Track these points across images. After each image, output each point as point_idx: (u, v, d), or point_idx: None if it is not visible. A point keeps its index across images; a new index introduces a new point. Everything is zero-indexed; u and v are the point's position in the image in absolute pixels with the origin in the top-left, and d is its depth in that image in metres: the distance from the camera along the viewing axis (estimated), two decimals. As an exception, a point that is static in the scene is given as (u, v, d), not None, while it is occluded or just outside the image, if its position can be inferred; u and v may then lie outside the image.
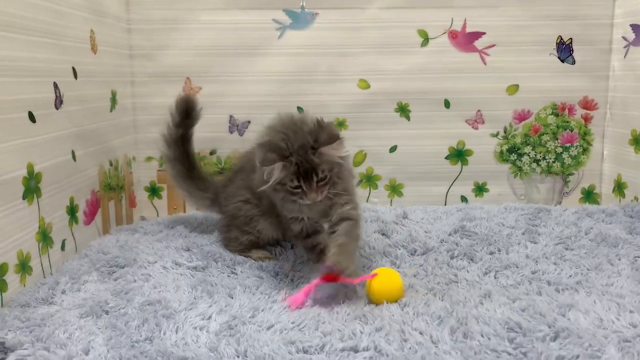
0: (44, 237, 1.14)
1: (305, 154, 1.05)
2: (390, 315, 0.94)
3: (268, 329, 0.91)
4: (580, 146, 1.74)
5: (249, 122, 1.71)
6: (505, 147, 1.74)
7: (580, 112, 1.73)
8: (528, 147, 1.74)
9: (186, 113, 1.40)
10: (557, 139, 1.74)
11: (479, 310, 0.95)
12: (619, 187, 1.68)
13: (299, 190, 1.07)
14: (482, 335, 0.86)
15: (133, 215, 1.70)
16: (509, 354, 0.81)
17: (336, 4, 1.66)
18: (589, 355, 0.79)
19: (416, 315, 0.94)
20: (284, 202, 1.13)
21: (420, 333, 0.88)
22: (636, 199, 1.60)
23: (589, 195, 1.77)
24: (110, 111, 1.51)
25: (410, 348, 0.83)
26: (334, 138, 1.06)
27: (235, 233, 1.32)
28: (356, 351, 0.83)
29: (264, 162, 1.05)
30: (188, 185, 1.45)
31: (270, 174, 1.05)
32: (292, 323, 0.93)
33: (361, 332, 0.88)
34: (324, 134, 1.07)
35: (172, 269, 1.20)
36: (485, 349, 0.82)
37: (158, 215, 1.75)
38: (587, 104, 1.72)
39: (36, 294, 1.03)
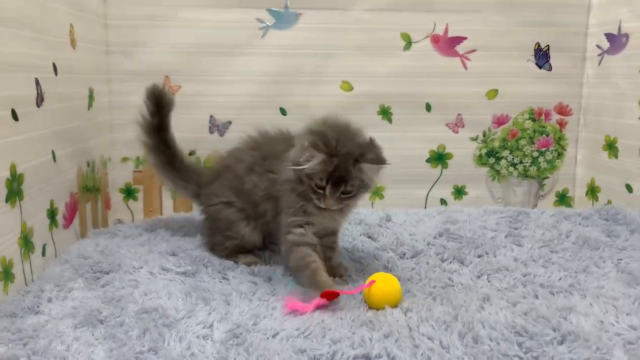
0: (26, 242, 1.08)
1: (347, 162, 1.06)
2: (395, 321, 0.94)
3: (274, 336, 0.89)
4: (555, 150, 1.79)
5: (230, 122, 1.67)
6: (484, 151, 1.77)
7: (555, 117, 1.77)
8: (506, 151, 1.77)
9: (157, 101, 1.34)
10: (533, 144, 1.78)
11: (482, 315, 0.95)
12: (592, 191, 1.73)
13: (320, 192, 1.08)
14: (491, 340, 0.86)
15: (108, 218, 1.64)
16: (521, 358, 0.81)
17: (320, 5, 1.64)
18: (599, 359, 0.80)
19: (421, 321, 0.94)
20: (300, 198, 1.11)
21: (429, 339, 0.87)
22: (610, 202, 1.65)
23: (563, 199, 1.82)
24: (88, 109, 1.45)
25: (422, 354, 0.83)
26: (380, 161, 1.09)
27: (219, 238, 1.28)
28: (369, 358, 0.82)
29: (312, 144, 1.04)
30: (170, 174, 1.38)
31: (308, 159, 1.05)
32: (297, 330, 0.91)
33: (370, 339, 0.87)
34: (372, 153, 1.09)
35: (160, 274, 1.16)
36: (497, 354, 0.82)
37: (133, 218, 1.69)
38: (562, 110, 1.77)
39: (22, 303, 0.97)
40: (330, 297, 1.00)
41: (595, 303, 1.00)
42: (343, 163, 1.05)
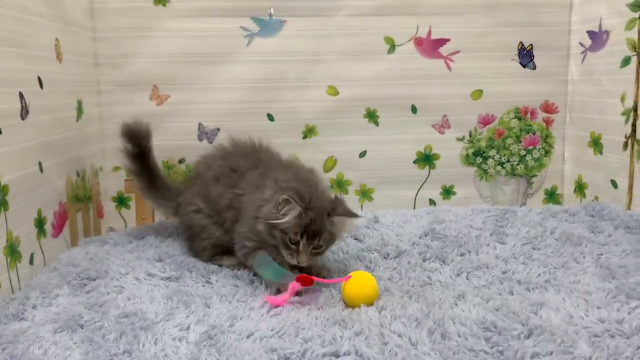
0: (12, 251, 1.11)
1: (321, 215, 1.09)
2: (368, 319, 0.96)
3: (248, 337, 0.91)
4: (542, 148, 1.80)
5: (218, 129, 1.70)
6: (470, 151, 1.79)
7: (541, 115, 1.78)
8: (493, 150, 1.79)
9: (133, 138, 1.39)
10: (520, 142, 1.79)
11: (454, 311, 0.97)
12: (580, 188, 1.74)
13: (294, 247, 1.10)
14: (460, 336, 0.88)
15: (101, 226, 1.67)
16: (486, 352, 0.83)
17: (304, 12, 1.67)
18: (562, 351, 0.82)
19: (394, 318, 0.96)
20: (271, 239, 1.13)
21: (399, 335, 0.89)
22: (596, 198, 1.66)
23: (552, 196, 1.83)
24: (77, 121, 1.49)
25: (390, 351, 0.84)
26: (352, 214, 1.13)
27: (197, 242, 1.32)
28: (337, 356, 0.84)
29: (290, 197, 1.06)
30: (153, 196, 1.45)
31: (287, 212, 1.07)
32: (272, 330, 0.93)
33: (341, 337, 0.89)
34: (342, 207, 1.13)
35: (145, 280, 1.18)
36: (463, 349, 0.84)
37: (126, 226, 1.72)
38: (548, 108, 1.78)
39: (6, 310, 1.00)
40: (305, 282, 1.04)
41: (568, 297, 1.01)
42: (318, 216, 1.09)
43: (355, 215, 1.14)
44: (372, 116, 1.75)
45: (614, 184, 1.57)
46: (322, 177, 1.22)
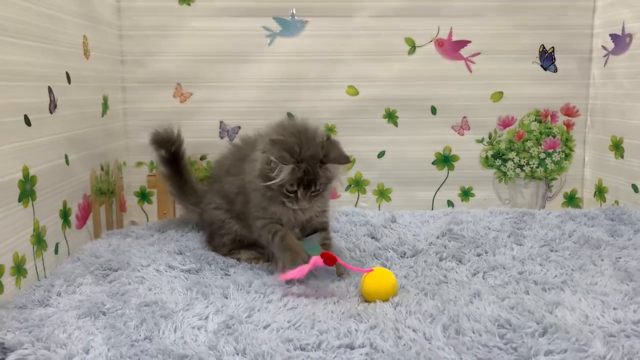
0: (39, 240, 1.15)
1: (314, 164, 1.11)
2: (383, 314, 0.97)
3: (265, 327, 0.93)
4: (562, 152, 1.79)
5: (239, 127, 1.73)
6: (490, 153, 1.79)
7: (562, 118, 1.78)
8: (512, 152, 1.79)
9: (163, 145, 1.46)
10: (540, 145, 1.79)
11: (469, 309, 0.98)
12: (600, 192, 1.73)
13: (292, 196, 1.13)
14: (474, 332, 0.88)
15: (123, 220, 1.71)
16: (500, 348, 0.84)
17: (326, 12, 1.69)
18: (576, 350, 0.82)
19: (409, 314, 0.97)
20: (269, 201, 1.17)
21: (414, 330, 0.90)
22: (617, 203, 1.65)
23: (572, 200, 1.82)
24: (102, 116, 1.53)
25: (404, 344, 0.86)
26: (344, 160, 1.14)
27: (217, 239, 1.35)
28: (352, 348, 0.85)
29: (278, 157, 1.09)
30: (182, 200, 1.52)
31: (279, 173, 1.10)
32: (288, 322, 0.94)
33: (356, 330, 0.90)
34: (334, 152, 1.14)
35: (166, 271, 1.21)
36: (477, 345, 0.84)
37: (148, 220, 1.76)
38: (569, 111, 1.77)
39: (32, 296, 1.04)
40: (328, 260, 1.07)
41: (585, 298, 1.01)
42: (310, 166, 1.11)
43: (347, 161, 1.15)
44: (391, 116, 1.76)
45: (635, 188, 1.56)
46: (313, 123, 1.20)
